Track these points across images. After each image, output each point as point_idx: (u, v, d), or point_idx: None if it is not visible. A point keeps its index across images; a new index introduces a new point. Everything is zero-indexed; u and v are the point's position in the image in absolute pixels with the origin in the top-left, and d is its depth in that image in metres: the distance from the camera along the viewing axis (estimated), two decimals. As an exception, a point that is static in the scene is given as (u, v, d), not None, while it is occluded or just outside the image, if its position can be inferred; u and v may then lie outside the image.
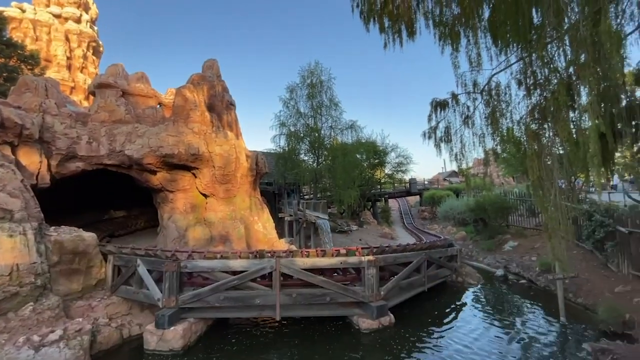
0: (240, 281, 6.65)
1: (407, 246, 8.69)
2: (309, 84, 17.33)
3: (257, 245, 11.80)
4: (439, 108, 8.61)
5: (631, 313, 6.45)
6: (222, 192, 10.96)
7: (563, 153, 7.18)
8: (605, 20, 4.76)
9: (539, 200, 6.70)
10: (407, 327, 7.11)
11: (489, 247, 13.32)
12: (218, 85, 12.48)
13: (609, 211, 8.86)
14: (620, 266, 8.24)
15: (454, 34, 7.19)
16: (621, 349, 4.97)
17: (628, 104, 8.05)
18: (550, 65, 6.58)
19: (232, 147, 10.68)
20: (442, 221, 22.80)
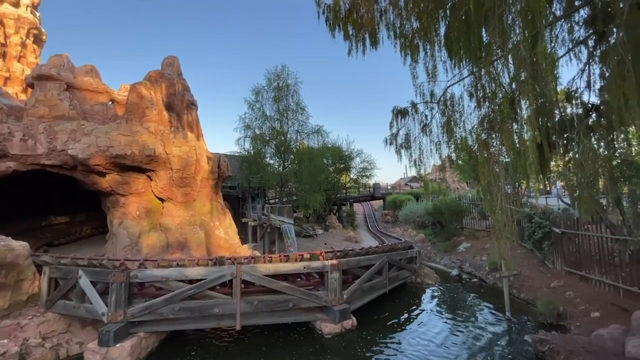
0: (197, 290, 6.30)
1: (369, 249, 8.89)
2: (276, 87, 17.19)
3: (218, 251, 11.33)
4: (399, 116, 9.01)
5: (564, 305, 7.18)
6: (181, 196, 10.38)
7: (508, 161, 7.85)
8: (542, 43, 5.31)
9: (488, 204, 7.24)
10: (370, 330, 7.23)
11: (445, 248, 14.11)
12: (178, 84, 11.87)
13: (545, 214, 9.85)
14: (555, 263, 9.17)
15: (413, 46, 7.59)
16: (556, 339, 5.49)
17: (560, 119, 9.04)
18: (497, 81, 7.18)
19: (192, 148, 10.18)
20: (403, 224, 23.75)
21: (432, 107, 8.43)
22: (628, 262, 6.92)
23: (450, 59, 8.06)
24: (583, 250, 8.19)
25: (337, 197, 26.34)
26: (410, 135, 8.78)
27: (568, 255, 8.69)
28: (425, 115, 8.70)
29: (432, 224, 16.38)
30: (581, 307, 6.97)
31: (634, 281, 6.50)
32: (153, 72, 11.49)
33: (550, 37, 9.98)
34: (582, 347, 5.11)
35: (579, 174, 6.48)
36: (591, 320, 6.34)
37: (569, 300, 7.36)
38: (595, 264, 7.69)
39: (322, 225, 22.24)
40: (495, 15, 5.44)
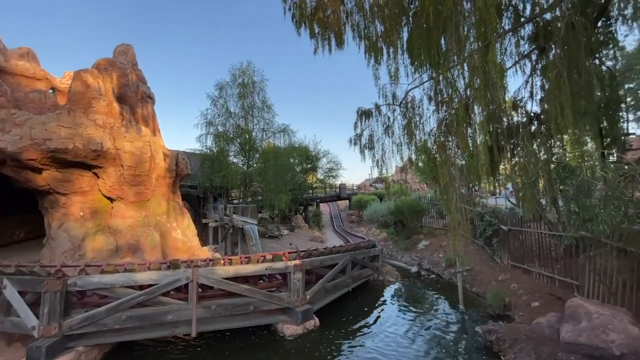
0: (148, 297, 5.82)
1: (333, 249, 8.91)
2: (240, 83, 16.65)
3: (175, 254, 10.66)
4: (364, 117, 9.18)
5: (509, 297, 7.78)
6: (133, 196, 9.58)
7: (463, 163, 8.32)
8: (492, 52, 5.67)
9: (445, 204, 7.61)
10: (332, 329, 7.23)
11: (406, 246, 14.67)
12: (132, 74, 10.98)
13: (495, 213, 10.64)
14: (502, 258, 9.93)
15: (377, 48, 7.76)
16: (502, 329, 5.91)
17: (508, 125, 9.77)
18: (453, 86, 7.57)
19: (147, 144, 9.45)
20: (367, 224, 24.34)
21: (394, 109, 8.70)
22: (562, 256, 7.67)
23: (412, 63, 8.38)
24: (526, 246, 8.96)
25: (303, 197, 26.27)
26: (373, 136, 8.98)
27: (513, 251, 9.45)
28: (388, 117, 8.95)
29: (394, 223, 16.96)
30: (524, 297, 7.60)
31: (567, 272, 7.23)
32: (102, 59, 10.50)
33: (500, 50, 10.78)
34: (524, 335, 5.55)
35: (523, 176, 7.06)
36: (532, 310, 6.93)
37: (514, 292, 8.00)
38: (536, 258, 8.44)
39: (288, 225, 22.03)
40: (452, 24, 5.73)
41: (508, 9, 9.98)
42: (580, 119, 6.96)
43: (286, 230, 20.64)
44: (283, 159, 15.91)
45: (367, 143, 8.72)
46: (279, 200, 15.71)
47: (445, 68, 6.98)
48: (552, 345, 5.02)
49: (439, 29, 6.67)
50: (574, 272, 6.96)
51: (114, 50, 13.62)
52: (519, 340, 5.44)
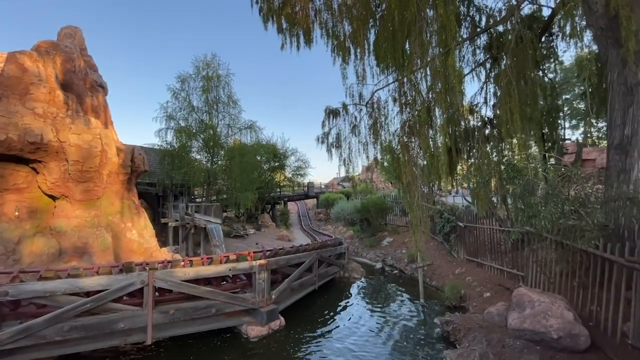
0: (96, 304, 5.32)
1: (300, 247, 8.87)
2: (204, 76, 15.89)
3: (130, 257, 9.93)
4: (331, 116, 9.24)
5: (465, 289, 8.31)
6: (80, 194, 8.73)
7: (425, 163, 8.69)
8: (452, 57, 5.97)
9: (407, 202, 7.90)
10: (298, 328, 7.19)
11: (371, 243, 15.07)
12: (79, 60, 9.98)
13: (453, 210, 11.30)
14: (459, 253, 10.58)
15: (344, 48, 7.83)
16: (457, 319, 6.28)
17: (465, 128, 10.38)
18: (416, 89, 7.87)
19: (97, 137, 8.65)
20: (335, 222, 24.64)
21: (361, 109, 8.87)
22: (511, 250, 8.35)
23: (378, 65, 8.60)
24: (479, 241, 9.64)
25: (270, 195, 25.87)
26: (341, 135, 9.09)
27: (468, 246, 10.11)
28: (355, 117, 9.11)
29: (360, 221, 17.33)
30: (477, 289, 8.16)
31: (514, 265, 7.89)
32: (44, 42, 9.40)
33: (459, 57, 11.41)
34: (477, 324, 5.95)
35: (477, 176, 7.57)
36: (484, 300, 7.47)
37: (468, 284, 8.56)
38: (488, 252, 9.10)
39: (254, 224, 21.57)
40: (416, 29, 5.94)
41: (466, 19, 10.64)
42: (526, 125, 7.63)
43: (252, 229, 20.20)
44: (249, 156, 15.48)
45: (334, 142, 8.81)
46: (244, 199, 15.29)
47: (409, 71, 7.25)
48: (501, 332, 5.44)
49: (404, 32, 6.91)
50: (520, 264, 7.61)
51: (59, 32, 12.33)
52: (472, 329, 5.82)
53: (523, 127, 7.65)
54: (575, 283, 5.41)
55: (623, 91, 5.64)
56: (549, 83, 11.17)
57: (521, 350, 4.81)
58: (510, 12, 7.49)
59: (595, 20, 6.06)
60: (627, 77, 5.35)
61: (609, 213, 5.42)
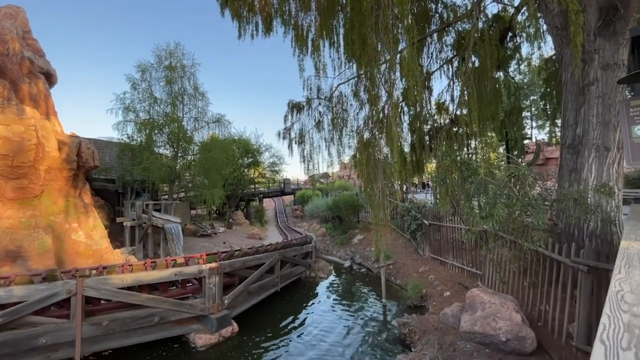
0: (10, 318, 4.69)
1: (260, 248, 8.46)
2: (167, 66, 14.94)
3: (76, 259, 9.13)
4: (295, 110, 8.83)
5: (427, 288, 8.26)
6: (12, 191, 7.84)
7: (390, 160, 8.49)
8: (411, 51, 5.71)
9: (368, 199, 7.70)
10: (253, 334, 6.82)
11: (342, 241, 14.90)
12: (14, 42, 8.94)
13: (420, 208, 11.29)
14: (424, 251, 10.58)
15: (303, 39, 7.44)
16: (414, 321, 6.15)
17: (433, 126, 10.28)
18: (383, 84, 7.61)
19: (30, 128, 7.77)
20: (309, 219, 24.37)
21: (326, 105, 8.54)
22: (472, 247, 8.38)
23: (348, 59, 8.30)
24: (444, 239, 9.64)
25: (244, 192, 25.15)
26: (304, 130, 8.72)
27: (433, 244, 10.11)
28: (319, 112, 8.77)
29: (332, 219, 17.13)
30: (438, 288, 8.13)
31: (473, 263, 7.90)
32: (-32, 19, 8.31)
33: (428, 54, 11.25)
34: (432, 326, 5.83)
35: (440, 173, 7.47)
36: (444, 299, 7.42)
37: (431, 283, 8.52)
38: (450, 250, 9.11)
39: (225, 222, 20.86)
40: (372, 18, 5.64)
41: (434, 16, 10.52)
42: (486, 124, 7.61)
43: (223, 227, 19.51)
44: (216, 152, 14.77)
45: (296, 137, 8.44)
46: (211, 197, 14.61)
47: (374, 65, 6.98)
48: (454, 335, 5.34)
49: (364, 24, 6.61)
50: (479, 263, 7.62)
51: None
52: (427, 331, 5.70)
53: (482, 125, 7.63)
54: (527, 283, 5.39)
55: (575, 91, 5.65)
56: (512, 83, 11.35)
57: (471, 354, 4.70)
58: (471, 9, 7.38)
59: (552, 19, 6.03)
60: (578, 77, 5.34)
61: (559, 212, 5.42)
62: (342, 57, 8.19)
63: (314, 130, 8.56)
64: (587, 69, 5.27)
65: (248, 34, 7.32)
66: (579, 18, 4.05)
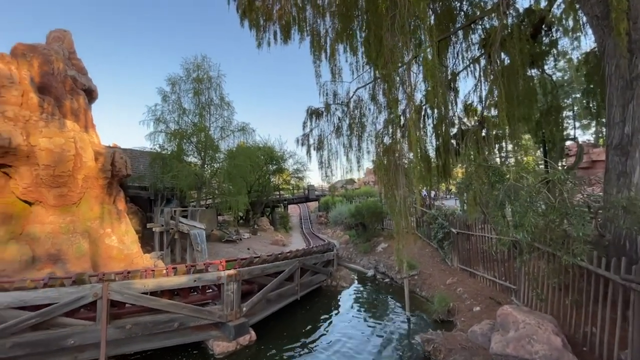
0: (42, 318, 4.98)
1: (279, 255, 8.41)
2: (195, 78, 15.66)
3: (109, 263, 9.65)
4: (314, 116, 8.77)
5: (454, 301, 7.70)
6: (53, 199, 8.48)
7: (412, 166, 8.14)
8: (429, 50, 5.44)
9: (389, 207, 7.40)
10: (271, 343, 6.72)
11: (365, 249, 14.50)
12: (58, 62, 9.80)
13: (446, 215, 10.69)
14: (452, 261, 9.96)
15: (320, 45, 7.38)
16: (439, 338, 5.71)
17: (460, 128, 9.74)
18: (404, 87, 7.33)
19: (70, 140, 8.40)
20: (333, 226, 24.12)
21: (343, 110, 8.40)
22: (506, 259, 7.73)
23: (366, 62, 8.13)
24: (473, 249, 9.01)
25: (269, 199, 25.53)
26: (323, 137, 8.62)
27: (462, 254, 9.48)
28: (338, 117, 8.64)
29: (355, 226, 16.78)
30: (467, 302, 7.55)
31: (506, 276, 7.26)
32: (21, 44, 9.25)
33: (453, 54, 10.76)
34: (459, 344, 5.37)
35: (466, 179, 7.00)
36: (473, 315, 6.86)
37: (459, 296, 7.95)
38: (481, 261, 8.47)
39: (250, 229, 21.23)
40: (388, 19, 5.46)
41: (459, 14, 10.07)
42: (518, 125, 7.04)
43: (248, 233, 19.84)
44: (240, 159, 15.13)
45: (315, 144, 8.35)
46: (236, 203, 14.93)
47: (394, 67, 6.75)
48: (484, 356, 4.87)
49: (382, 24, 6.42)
50: (513, 276, 6.99)
51: (48, 35, 12.27)
52: (453, 350, 5.25)
53: (513, 127, 7.07)
54: (568, 301, 4.80)
55: (622, 85, 5.04)
56: (549, 81, 10.49)
57: (502, 379, 4.24)
58: (498, 3, 6.93)
59: (590, 7, 5.48)
60: (624, 69, 4.76)
61: (605, 222, 4.81)
62: (359, 60, 8.06)
63: (332, 136, 8.43)
64: (635, 60, 4.68)
65: (265, 43, 7.41)
66: (622, 3, 3.59)
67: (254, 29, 7.44)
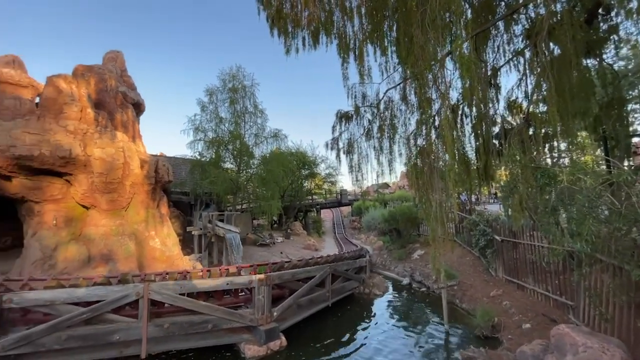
0: (92, 314, 5.40)
1: (310, 260, 8.36)
2: (231, 88, 16.41)
3: (153, 264, 10.31)
4: (343, 120, 8.64)
5: (500, 316, 7.03)
6: (106, 203, 9.30)
7: (447, 168, 7.66)
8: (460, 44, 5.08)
9: (424, 212, 6.98)
10: (301, 350, 6.64)
11: (400, 256, 13.93)
12: (111, 80, 10.81)
13: (489, 221, 9.88)
14: (497, 271, 9.15)
15: (347, 46, 7.27)
16: (483, 356, 5.22)
17: (503, 127, 9.02)
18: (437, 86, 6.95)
19: (119, 150, 9.18)
20: (366, 231, 23.62)
21: (373, 112, 8.17)
22: (561, 271, 6.91)
23: (401, 63, 7.85)
24: (521, 259, 8.19)
25: (302, 203, 25.78)
26: (353, 140, 8.44)
27: (508, 263, 8.68)
28: (368, 120, 8.43)
29: (389, 231, 16.25)
30: (515, 317, 6.85)
31: (562, 291, 6.47)
32: (81, 65, 10.37)
33: (493, 48, 10.08)
34: (505, 365, 4.86)
35: (510, 181, 6.40)
36: (522, 333, 6.19)
37: (505, 311, 7.25)
38: (530, 272, 7.67)
39: (283, 233, 21.54)
40: (418, 14, 5.21)
41: (499, 5, 9.40)
42: (571, 121, 6.28)
43: (281, 237, 20.15)
44: (273, 164, 15.47)
45: (344, 147, 8.19)
46: (269, 207, 15.26)
47: (426, 65, 6.43)
48: (536, 380, 4.34)
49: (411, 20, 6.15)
50: (570, 290, 6.21)
51: (104, 56, 13.62)
52: (499, 371, 4.76)
53: (566, 123, 6.34)
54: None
55: None
56: (609, 71, 9.32)
57: (559, 410, 3.72)
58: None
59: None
60: None
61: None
62: (389, 60, 7.80)
63: (362, 139, 8.22)
64: None
65: (293, 49, 7.46)
66: None
67: (282, 36, 7.53)
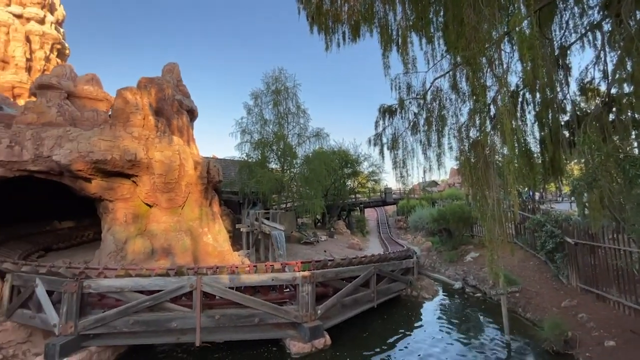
0: (154, 302, 5.92)
1: (353, 259, 8.19)
2: (274, 90, 16.92)
3: (206, 258, 11.03)
4: (387, 114, 8.29)
5: (574, 330, 6.12)
6: (165, 202, 10.19)
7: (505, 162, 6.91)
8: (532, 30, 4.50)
9: (479, 211, 6.38)
10: (346, 350, 6.52)
11: (451, 258, 13.02)
12: (168, 89, 11.83)
13: (558, 222, 8.70)
14: (569, 278, 8.02)
15: (389, 36, 6.94)
16: (553, 374, 4.56)
17: (574, 114, 7.89)
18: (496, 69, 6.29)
19: (176, 153, 9.99)
20: (413, 231, 22.59)
21: (418, 103, 7.70)
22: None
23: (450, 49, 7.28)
24: (602, 265, 7.06)
25: (345, 202, 25.60)
26: (397, 135, 8.06)
27: (584, 270, 7.55)
28: (414, 113, 7.97)
29: (438, 232, 15.31)
30: (594, 333, 5.91)
31: (659, 305, 5.40)
32: (144, 78, 11.52)
33: (560, 25, 8.89)
34: (584, 388, 4.18)
35: (587, 175, 5.52)
36: (604, 351, 5.31)
37: (581, 324, 6.29)
38: (614, 281, 6.56)
39: (327, 231, 21.60)
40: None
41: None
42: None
43: (325, 236, 20.22)
44: (315, 163, 15.59)
45: (388, 143, 7.84)
46: (312, 206, 15.41)
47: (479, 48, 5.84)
48: (625, 409, 3.64)
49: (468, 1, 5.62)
50: (670, 305, 5.15)
51: (163, 68, 15.00)
52: (575, 393, 4.11)
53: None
54: None
55: None
56: None
57: None
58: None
59: None
60: None
61: None
62: (436, 48, 7.27)
63: (407, 133, 7.80)
64: None
65: (334, 44, 7.35)
66: None
67: (322, 33, 7.46)
